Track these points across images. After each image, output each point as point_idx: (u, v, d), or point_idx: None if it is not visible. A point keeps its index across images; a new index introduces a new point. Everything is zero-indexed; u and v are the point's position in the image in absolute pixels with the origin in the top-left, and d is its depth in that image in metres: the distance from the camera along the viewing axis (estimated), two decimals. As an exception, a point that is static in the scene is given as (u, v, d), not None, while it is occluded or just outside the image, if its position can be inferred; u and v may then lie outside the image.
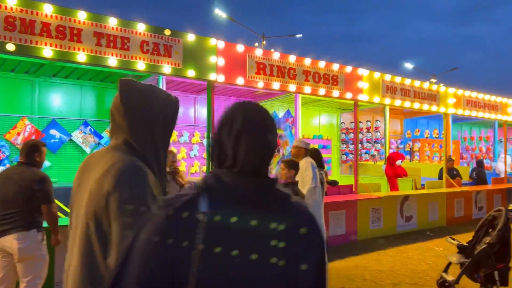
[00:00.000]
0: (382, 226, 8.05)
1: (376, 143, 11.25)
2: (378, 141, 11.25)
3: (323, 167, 5.42)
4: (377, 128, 11.25)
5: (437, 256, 6.50)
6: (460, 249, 4.65)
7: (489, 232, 4.69)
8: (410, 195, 8.69)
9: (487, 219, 4.81)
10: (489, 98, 10.83)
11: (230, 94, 9.61)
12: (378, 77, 7.93)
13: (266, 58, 6.19)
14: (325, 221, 7.04)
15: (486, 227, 4.80)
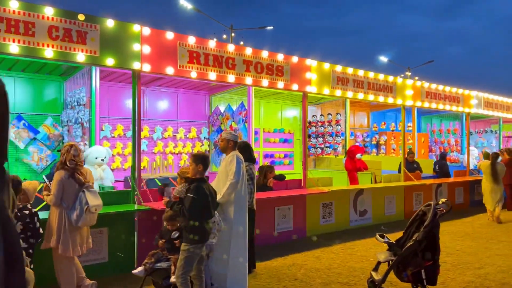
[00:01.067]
0: (334, 221, 7.83)
1: (337, 136, 11.03)
2: (339, 135, 11.03)
3: (254, 161, 5.13)
4: (338, 121, 11.02)
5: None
6: (390, 246, 4.42)
7: (420, 228, 4.47)
8: (365, 189, 8.49)
9: (418, 214, 4.60)
10: (450, 90, 10.70)
11: (183, 86, 9.24)
12: (328, 68, 7.67)
13: (200, 46, 5.86)
14: (271, 217, 6.79)
15: (418, 222, 4.58)
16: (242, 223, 4.38)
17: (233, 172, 4.30)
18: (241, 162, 4.41)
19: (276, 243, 6.76)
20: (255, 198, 5.09)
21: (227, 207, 4.32)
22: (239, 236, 4.36)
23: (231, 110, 9.07)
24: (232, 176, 4.27)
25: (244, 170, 4.50)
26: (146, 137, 8.76)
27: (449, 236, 7.45)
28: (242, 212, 4.40)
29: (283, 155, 11.47)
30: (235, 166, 4.34)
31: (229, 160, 4.38)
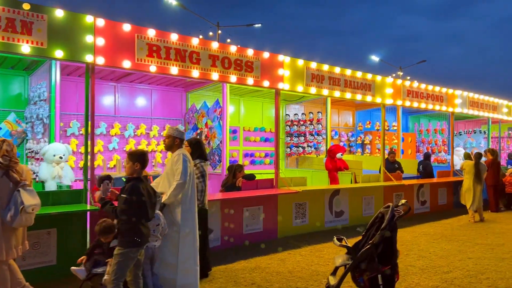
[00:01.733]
0: (308, 222, 7.61)
1: (319, 135, 10.81)
2: (320, 134, 10.80)
3: (205, 158, 4.90)
4: (319, 120, 10.79)
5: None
6: (348, 250, 4.19)
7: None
8: (341, 189, 8.27)
9: (378, 216, 4.37)
10: (433, 89, 10.49)
11: (158, 82, 9.00)
12: (301, 65, 7.44)
13: (161, 39, 5.61)
14: (239, 218, 6.56)
15: (377, 225, 4.35)
16: (190, 226, 4.14)
17: (180, 172, 4.06)
18: (188, 161, 4.17)
19: (244, 245, 6.53)
20: (207, 197, 4.84)
21: (174, 209, 4.09)
22: (187, 239, 4.12)
23: (206, 108, 8.83)
24: (179, 176, 4.03)
25: (191, 170, 4.25)
26: (117, 134, 8.51)
27: (425, 238, 7.25)
28: (190, 214, 4.16)
29: (264, 154, 11.26)
30: (182, 166, 4.10)
31: (175, 160, 4.13)
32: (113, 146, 8.41)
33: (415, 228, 8.24)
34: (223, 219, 6.32)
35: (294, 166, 11.92)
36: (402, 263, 5.63)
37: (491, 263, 5.65)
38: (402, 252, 6.22)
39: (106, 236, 3.76)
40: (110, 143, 8.43)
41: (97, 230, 3.80)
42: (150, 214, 3.47)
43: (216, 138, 8.43)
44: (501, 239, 7.21)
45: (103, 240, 3.79)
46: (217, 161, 8.42)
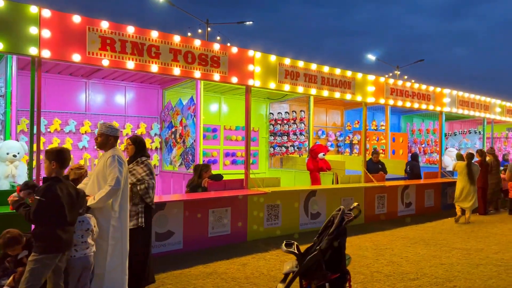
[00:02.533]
0: (280, 224, 7.32)
1: (301, 135, 10.51)
2: (303, 133, 10.51)
3: (148, 156, 4.61)
4: (302, 119, 10.49)
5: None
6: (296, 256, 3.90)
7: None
8: (318, 190, 7.98)
9: (330, 220, 4.07)
10: (420, 87, 10.17)
11: (131, 79, 8.74)
12: (274, 61, 7.15)
13: (115, 32, 5.34)
14: (204, 220, 6.28)
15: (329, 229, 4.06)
16: (120, 233, 3.79)
17: (114, 178, 3.67)
18: (123, 164, 3.81)
19: (209, 248, 6.26)
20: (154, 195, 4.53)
21: (103, 215, 3.73)
22: (117, 248, 3.77)
23: (181, 105, 8.56)
24: (113, 182, 3.64)
25: (126, 173, 3.92)
26: (87, 132, 8.25)
27: (402, 242, 6.94)
28: (120, 221, 3.79)
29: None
30: (117, 170, 3.71)
31: (108, 162, 3.75)
32: (83, 145, 8.16)
33: (394, 231, 7.93)
34: (186, 221, 6.05)
35: (278, 166, 11.64)
36: (368, 269, 5.34)
37: (463, 270, 5.34)
38: (372, 257, 5.95)
39: (12, 249, 3.47)
40: (80, 141, 8.18)
41: (1, 243, 3.50)
42: (69, 217, 3.19)
43: (190, 137, 8.16)
44: (481, 244, 6.89)
45: (10, 253, 3.50)
46: (190, 160, 8.15)
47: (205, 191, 6.44)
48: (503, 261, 5.82)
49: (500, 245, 6.75)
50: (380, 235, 7.52)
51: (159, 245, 5.77)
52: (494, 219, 9.39)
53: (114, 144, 3.93)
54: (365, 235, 7.51)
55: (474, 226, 8.50)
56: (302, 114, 10.47)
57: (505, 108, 13.79)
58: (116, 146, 3.94)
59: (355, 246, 6.61)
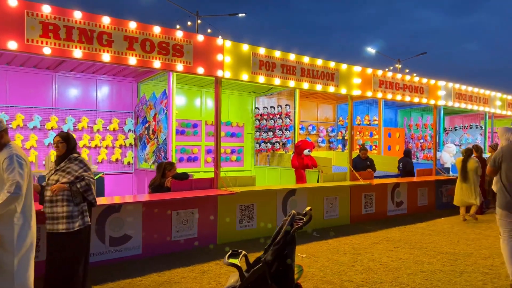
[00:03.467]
0: (255, 227, 6.82)
1: (286, 130, 9.99)
2: (288, 129, 9.98)
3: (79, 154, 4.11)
4: (287, 113, 9.96)
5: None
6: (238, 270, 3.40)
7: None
8: (298, 189, 7.47)
9: (282, 226, 3.57)
10: (412, 79, 9.59)
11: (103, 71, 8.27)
12: (246, 50, 6.62)
13: (59, 17, 4.85)
14: (166, 223, 5.80)
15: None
16: (26, 244, 3.29)
17: (14, 182, 3.11)
18: (24, 165, 3.25)
19: (172, 253, 5.78)
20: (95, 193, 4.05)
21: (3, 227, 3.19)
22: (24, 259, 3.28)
23: (155, 99, 8.08)
24: (12, 188, 3.09)
25: (29, 173, 3.36)
26: (54, 128, 7.80)
27: (385, 246, 6.42)
28: (25, 230, 3.28)
29: (229, 151, 10.48)
30: (16, 172, 3.14)
31: (6, 164, 3.16)
32: (49, 141, 7.70)
33: (380, 233, 7.40)
34: (145, 224, 5.57)
35: (265, 164, 11.14)
36: (339, 277, 4.83)
37: (444, 279, 4.81)
38: (348, 263, 5.42)
39: None
40: (46, 137, 7.73)
41: None
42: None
43: (162, 133, 7.67)
44: (471, 248, 6.35)
45: None
46: (163, 157, 7.67)
47: (168, 191, 5.96)
48: (491, 268, 5.28)
49: (491, 249, 6.20)
50: (363, 237, 7.00)
51: (114, 250, 5.31)
52: (491, 219, 8.81)
53: (7, 140, 3.37)
54: (346, 237, 7.00)
55: (468, 227, 7.95)
56: (288, 109, 9.94)
57: (506, 101, 13.15)
58: (10, 142, 3.37)
59: (332, 250, 6.11)
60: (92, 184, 3.96)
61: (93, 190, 3.98)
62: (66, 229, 3.78)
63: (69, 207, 3.81)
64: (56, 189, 3.75)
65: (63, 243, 3.80)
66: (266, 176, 10.69)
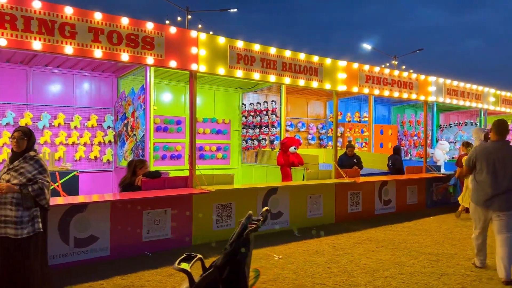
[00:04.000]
0: (234, 226, 6.59)
1: (272, 127, 9.75)
2: (274, 125, 9.74)
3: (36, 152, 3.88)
4: (273, 110, 9.71)
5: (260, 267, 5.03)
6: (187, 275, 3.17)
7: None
8: (280, 187, 7.23)
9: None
10: (400, 74, 9.34)
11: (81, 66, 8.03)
12: (223, 43, 6.37)
13: (17, 7, 4.60)
14: (137, 223, 5.57)
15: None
16: None
17: None
18: None
19: (143, 255, 5.55)
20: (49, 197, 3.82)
21: None
22: None
23: (133, 94, 7.83)
24: None
25: None
26: (28, 125, 7.56)
27: (366, 246, 6.19)
28: None
29: (215, 148, 10.25)
30: None
31: None
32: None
33: (364, 232, 7.17)
34: (113, 225, 5.34)
35: (253, 161, 10.90)
36: (312, 280, 4.61)
37: (422, 282, 4.58)
38: (324, 265, 5.19)
39: None
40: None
41: None
42: None
43: (140, 129, 7.43)
44: (456, 248, 6.12)
45: None
46: (140, 155, 7.43)
47: (139, 190, 5.72)
48: (474, 270, 5.05)
49: (476, 250, 5.96)
50: (345, 237, 6.77)
51: (79, 251, 5.08)
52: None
53: None
54: (329, 237, 6.76)
55: (456, 227, 7.72)
56: (274, 105, 9.69)
57: (500, 97, 12.90)
58: None
59: (311, 251, 5.88)
60: (46, 187, 3.73)
61: (47, 194, 3.75)
62: (14, 235, 3.55)
63: (18, 212, 3.57)
64: (4, 189, 3.51)
65: (13, 249, 3.58)
66: (252, 173, 10.46)
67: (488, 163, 4.65)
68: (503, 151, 4.64)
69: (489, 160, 4.65)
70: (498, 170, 4.59)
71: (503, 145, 4.69)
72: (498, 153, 4.64)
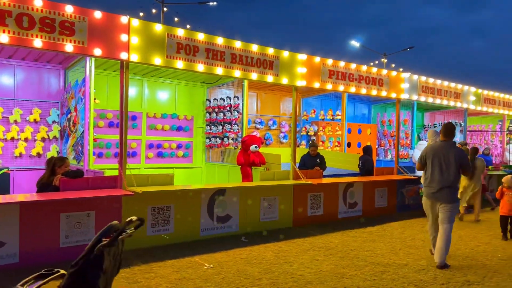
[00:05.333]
0: (173, 231, 6.07)
1: (234, 124, 9.20)
2: (237, 123, 9.19)
3: None
4: (236, 106, 9.16)
5: (180, 279, 4.53)
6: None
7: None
8: (228, 189, 6.72)
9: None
10: (369, 70, 8.82)
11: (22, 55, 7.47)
12: (160, 30, 5.84)
13: None
14: (53, 227, 5.04)
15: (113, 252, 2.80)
16: None
17: None
18: None
19: (60, 262, 5.01)
20: None
21: None
22: None
23: (76, 86, 7.29)
24: None
25: None
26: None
27: (314, 254, 5.68)
28: None
29: (175, 146, 9.71)
30: None
31: None
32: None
33: (318, 238, 6.67)
34: (23, 229, 4.82)
35: (219, 160, 10.36)
36: (231, 296, 4.08)
37: (354, 299, 4.07)
38: (255, 276, 4.67)
39: None
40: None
41: None
42: None
43: (80, 125, 6.89)
44: (409, 258, 5.62)
45: None
46: (80, 152, 6.89)
47: (57, 190, 5.19)
48: (419, 284, 4.55)
49: (431, 260, 5.46)
50: (295, 243, 6.26)
51: (-19, 258, 4.55)
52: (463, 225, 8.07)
53: None
54: (276, 243, 6.25)
55: (420, 233, 7.22)
56: (236, 101, 9.16)
57: (482, 96, 12.41)
58: None
59: (250, 259, 5.37)
60: None
61: None
62: None
63: None
64: None
65: None
66: (216, 173, 9.93)
67: (436, 161, 5.23)
68: (449, 150, 5.22)
69: (436, 158, 5.24)
70: (443, 167, 5.17)
71: (449, 145, 5.28)
72: (444, 152, 5.21)
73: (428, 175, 5.30)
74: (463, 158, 5.21)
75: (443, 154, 5.18)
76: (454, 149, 5.22)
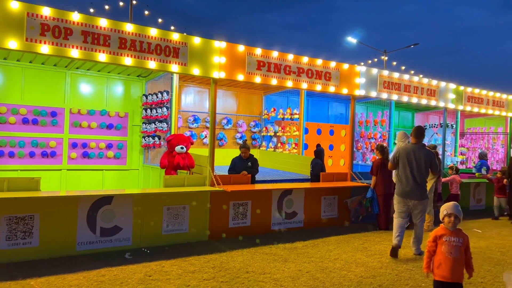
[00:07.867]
0: (38, 245, 5.18)
1: (163, 122, 8.25)
2: (165, 120, 8.24)
3: None
4: (163, 101, 8.21)
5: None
6: None
7: None
8: (116, 196, 5.76)
9: None
10: (313, 62, 7.73)
11: None
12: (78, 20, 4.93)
13: None
14: None
15: None
16: None
17: None
18: None
19: None
20: None
21: None
22: None
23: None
24: None
25: None
26: None
27: (191, 277, 4.70)
28: None
29: (104, 145, 8.83)
30: None
31: None
32: None
33: (221, 255, 5.65)
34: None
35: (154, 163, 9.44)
36: None
37: None
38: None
39: None
40: None
41: None
42: None
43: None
44: (307, 284, 4.54)
45: None
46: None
47: None
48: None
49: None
50: (186, 262, 5.26)
51: None
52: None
53: None
54: (161, 262, 5.25)
55: (356, 251, 6.10)
56: (166, 96, 8.21)
57: (464, 94, 11.09)
58: None
59: (107, 282, 4.40)
60: None
61: None
62: None
63: None
64: None
65: None
66: (150, 176, 9.02)
67: (407, 161, 5.70)
68: (419, 151, 5.70)
69: (408, 158, 5.71)
70: (414, 167, 5.65)
71: (419, 147, 5.76)
72: (415, 153, 5.69)
73: (400, 174, 5.75)
74: (432, 158, 5.71)
75: (414, 155, 5.68)
76: (424, 151, 5.74)
